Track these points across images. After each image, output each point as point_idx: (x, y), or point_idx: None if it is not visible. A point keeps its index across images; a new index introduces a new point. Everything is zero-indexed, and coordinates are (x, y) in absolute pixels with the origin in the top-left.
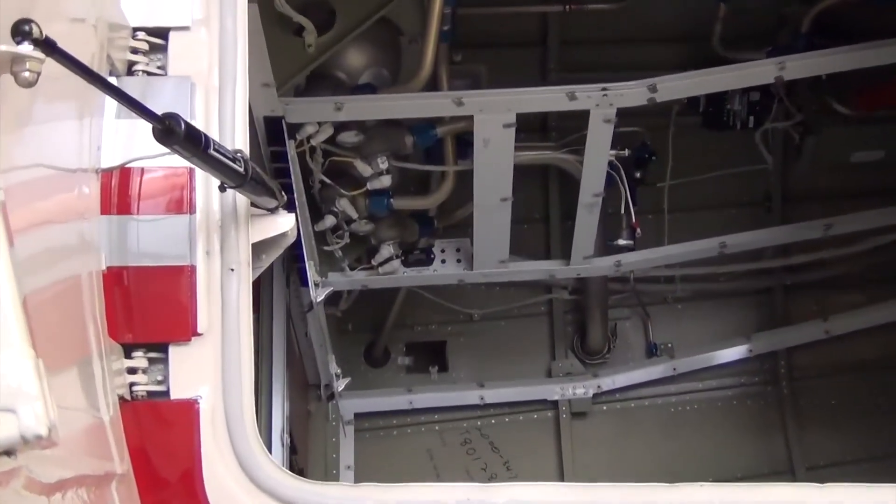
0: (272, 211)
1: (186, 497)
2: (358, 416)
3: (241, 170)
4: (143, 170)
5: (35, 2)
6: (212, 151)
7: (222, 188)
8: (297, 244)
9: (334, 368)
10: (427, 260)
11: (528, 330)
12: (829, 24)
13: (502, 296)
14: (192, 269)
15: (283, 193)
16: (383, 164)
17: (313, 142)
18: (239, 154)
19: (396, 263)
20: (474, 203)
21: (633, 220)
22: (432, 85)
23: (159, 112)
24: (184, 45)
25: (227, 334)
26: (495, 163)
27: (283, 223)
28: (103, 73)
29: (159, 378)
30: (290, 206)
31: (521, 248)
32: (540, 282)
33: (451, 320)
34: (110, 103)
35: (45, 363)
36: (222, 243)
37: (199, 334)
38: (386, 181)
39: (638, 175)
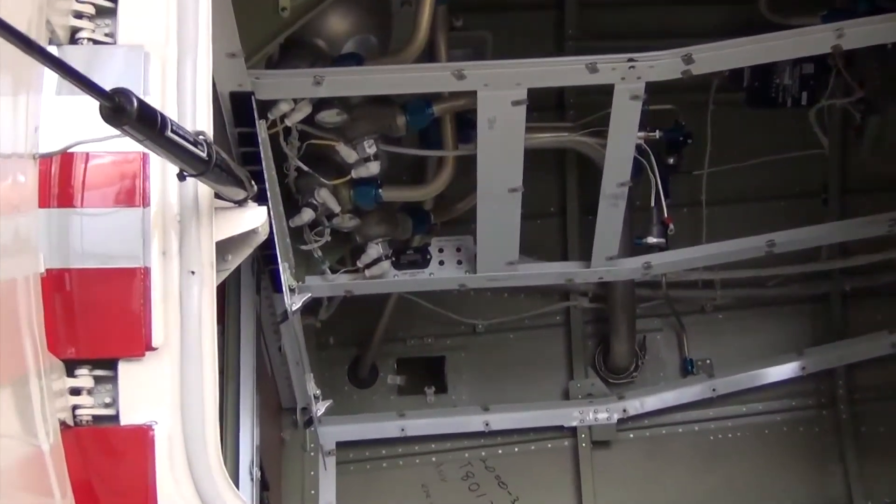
0: (240, 203)
1: None
2: (341, 445)
3: (204, 155)
4: (88, 155)
5: None
6: (169, 133)
7: (181, 177)
8: (269, 243)
9: (313, 389)
10: (422, 261)
11: (542, 344)
12: None
13: (511, 304)
14: (146, 271)
15: (253, 183)
16: (370, 148)
17: (288, 122)
18: (201, 137)
19: (386, 265)
20: (478, 194)
21: (665, 214)
22: (428, 55)
23: (107, 87)
24: (136, 8)
25: (187, 349)
26: (502, 147)
27: (253, 218)
28: (42, 41)
29: (107, 400)
30: (261, 198)
31: (533, 248)
32: (555, 287)
33: (450, 332)
34: (50, 77)
35: None
36: (181, 242)
37: (154, 349)
38: (374, 168)
39: (671, 161)
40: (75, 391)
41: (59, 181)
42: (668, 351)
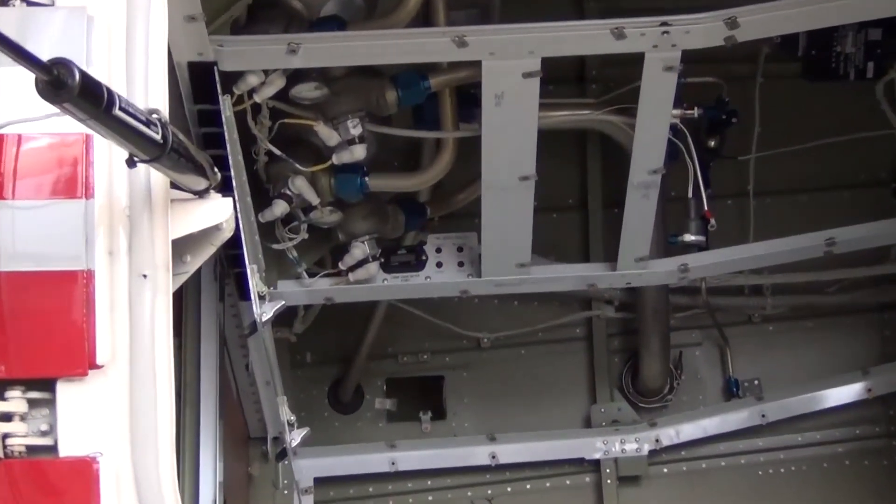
0: (201, 194)
1: None
2: (320, 481)
3: (158, 137)
4: (20, 137)
5: None
6: (117, 112)
7: (131, 163)
8: (235, 241)
9: (286, 415)
10: (416, 263)
11: (559, 361)
12: None
13: (522, 313)
14: (89, 275)
15: (216, 170)
16: (355, 128)
17: (257, 97)
18: (155, 115)
19: (374, 268)
20: (482, 184)
21: (705, 207)
22: (424, 18)
23: (44, 57)
24: None
25: (138, 367)
26: (512, 127)
27: (216, 211)
28: None
29: (44, 427)
30: (225, 188)
31: (548, 247)
32: (575, 294)
33: (450, 347)
34: None
35: None
36: (131, 240)
37: (99, 367)
38: (359, 153)
39: (712, 144)
40: (5, 417)
41: None
42: (708, 369)
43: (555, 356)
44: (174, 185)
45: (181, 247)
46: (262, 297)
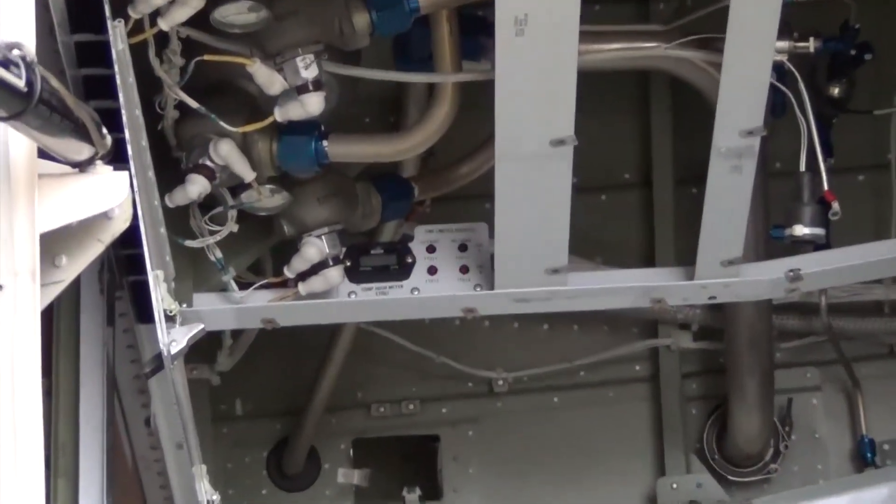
0: (82, 167)
1: None
2: None
3: (20, 83)
4: None
5: None
6: None
7: None
8: (131, 236)
9: (207, 493)
10: (399, 268)
11: (610, 414)
12: None
13: (555, 344)
14: None
15: (105, 131)
16: (308, 69)
17: (163, 24)
18: (15, 52)
19: (335, 275)
20: (496, 152)
21: (825, 185)
22: None
23: None
24: None
25: None
26: (540, 67)
27: (104, 192)
28: None
29: None
30: (117, 158)
31: (594, 245)
32: (635, 314)
33: (448, 393)
34: None
35: None
36: None
37: None
38: (313, 105)
39: (835, 92)
40: None
41: None
42: (831, 425)
43: (604, 406)
44: (43, 154)
45: (53, 244)
46: (170, 319)
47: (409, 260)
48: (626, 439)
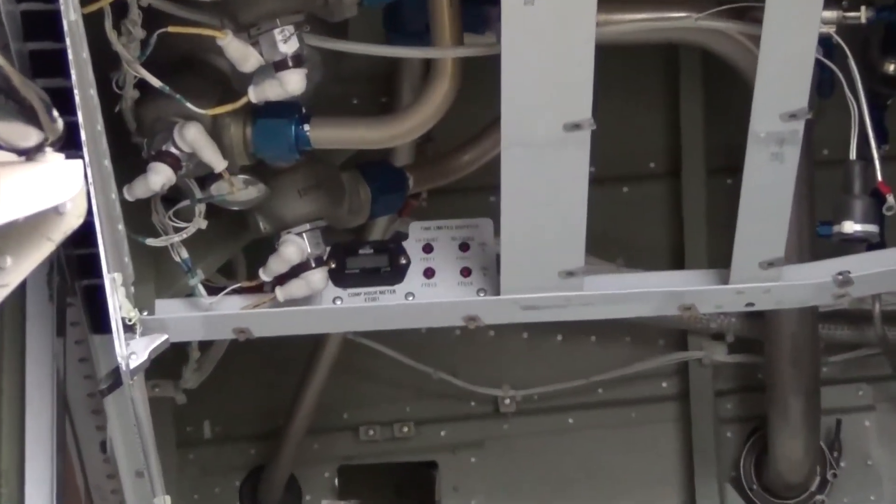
0: (29, 154)
1: None
2: None
3: None
4: None
5: None
6: None
7: None
8: (85, 233)
9: None
10: (392, 271)
11: (634, 436)
12: None
13: (570, 357)
14: None
15: (56, 114)
16: (287, 43)
17: None
18: None
19: (318, 279)
20: (503, 137)
21: (879, 176)
22: None
23: None
24: None
25: None
26: (553, 39)
27: (55, 183)
28: None
29: None
30: (70, 144)
31: (615, 244)
32: (662, 323)
33: (448, 414)
34: None
35: None
36: None
37: None
38: (293, 83)
39: (890, 69)
40: None
41: None
42: (885, 450)
43: (626, 428)
44: None
45: None
46: (129, 328)
47: (403, 261)
48: (651, 466)
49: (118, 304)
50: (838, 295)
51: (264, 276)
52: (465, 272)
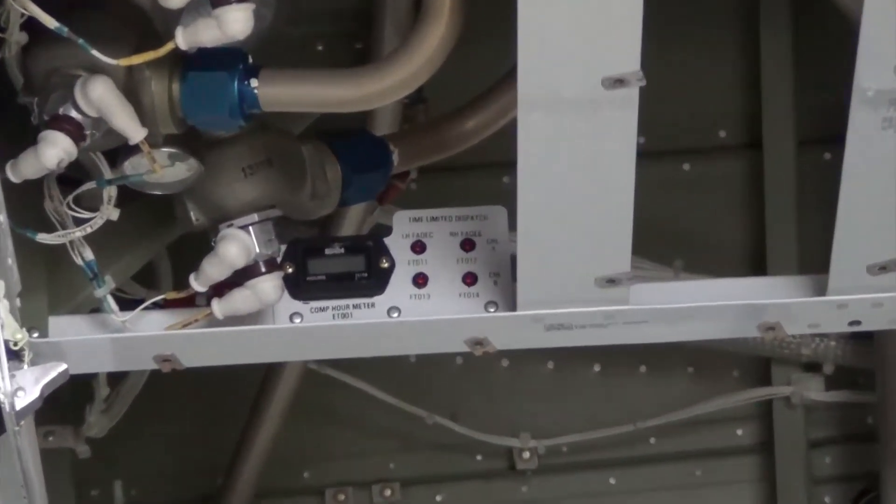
0: None
1: None
2: None
3: None
4: None
5: None
6: None
7: None
8: None
9: None
10: (370, 277)
11: (699, 502)
12: None
13: (612, 394)
14: None
15: None
16: None
17: None
18: None
19: (269, 287)
20: (519, 98)
21: None
22: None
23: None
24: None
25: None
26: None
27: None
28: None
29: None
30: None
31: (671, 242)
32: (736, 348)
33: (447, 471)
34: None
35: None
36: None
37: None
38: (236, 22)
39: None
40: None
41: None
42: None
43: (688, 491)
44: None
45: None
46: (15, 354)
47: (385, 264)
48: None
49: (0, 322)
50: None
51: (197, 284)
52: (469, 279)
